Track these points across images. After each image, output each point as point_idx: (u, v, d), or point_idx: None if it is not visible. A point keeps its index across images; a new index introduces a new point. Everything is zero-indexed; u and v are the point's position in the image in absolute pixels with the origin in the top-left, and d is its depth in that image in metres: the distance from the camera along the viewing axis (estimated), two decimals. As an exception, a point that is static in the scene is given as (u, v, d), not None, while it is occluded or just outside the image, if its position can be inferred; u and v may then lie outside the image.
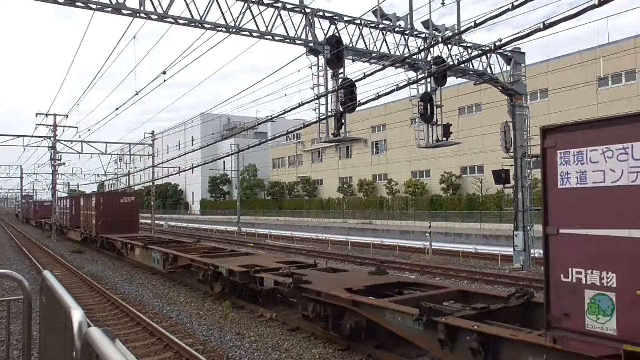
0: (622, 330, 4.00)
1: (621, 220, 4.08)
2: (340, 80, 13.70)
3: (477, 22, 9.53)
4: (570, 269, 4.40)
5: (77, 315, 2.08)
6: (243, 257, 13.50)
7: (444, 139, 16.76)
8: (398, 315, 6.48)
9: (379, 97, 11.03)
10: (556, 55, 38.01)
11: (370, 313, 7.05)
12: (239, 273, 10.51)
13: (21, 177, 64.86)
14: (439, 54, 16.56)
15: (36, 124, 32.14)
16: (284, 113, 14.28)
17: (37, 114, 31.78)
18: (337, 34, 14.24)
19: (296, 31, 13.72)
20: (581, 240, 4.34)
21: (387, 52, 15.41)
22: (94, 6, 11.23)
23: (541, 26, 8.09)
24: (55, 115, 32.47)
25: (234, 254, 14.50)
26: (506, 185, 18.25)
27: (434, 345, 5.94)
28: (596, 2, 7.16)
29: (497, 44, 11.30)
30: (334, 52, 13.66)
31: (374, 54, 15.24)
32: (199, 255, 13.79)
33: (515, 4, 8.51)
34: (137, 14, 11.72)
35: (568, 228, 4.42)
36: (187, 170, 26.36)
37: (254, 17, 12.98)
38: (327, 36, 14.08)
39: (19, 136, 32.58)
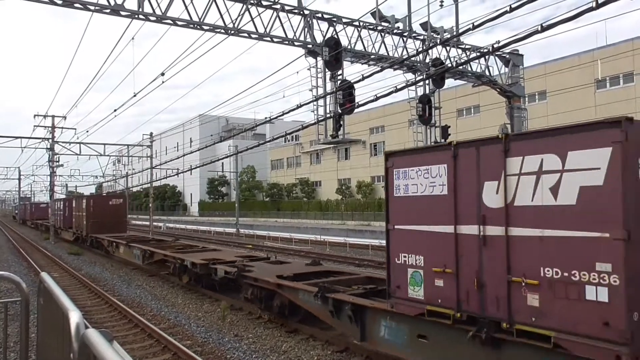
0: (426, 296, 5.86)
1: (424, 219, 5.91)
2: (339, 81, 13.71)
3: (475, 24, 9.57)
4: (400, 254, 6.21)
5: (74, 316, 2.08)
6: (209, 252, 15.04)
7: (443, 140, 16.78)
8: (306, 294, 8.27)
9: (377, 98, 11.05)
10: (554, 57, 38.12)
11: (290, 294, 8.88)
12: (199, 265, 12.08)
13: (19, 179, 64.75)
14: (438, 56, 16.60)
15: (34, 126, 32.11)
16: (283, 114, 14.29)
17: (35, 116, 31.73)
18: (335, 36, 14.27)
19: (295, 33, 13.74)
20: (405, 234, 6.14)
21: (386, 54, 15.44)
22: (92, 7, 11.22)
23: (539, 28, 8.12)
24: (53, 116, 32.44)
25: (203, 250, 16.13)
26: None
27: (327, 315, 7.76)
28: (594, 5, 7.19)
29: (495, 46, 11.34)
30: (333, 54, 13.68)
31: (372, 56, 15.27)
32: (171, 251, 15.39)
33: (513, 6, 8.55)
34: (136, 16, 11.72)
35: (399, 225, 6.25)
36: (185, 171, 26.34)
37: (252, 19, 13.00)
38: (325, 38, 14.10)
39: (17, 137, 32.52)
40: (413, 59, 15.58)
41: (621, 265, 4.12)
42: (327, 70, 13.90)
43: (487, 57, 17.15)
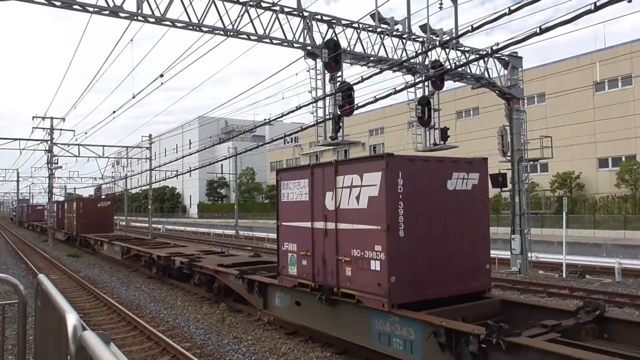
0: (298, 272, 8.27)
1: (297, 217, 8.26)
2: (338, 83, 13.71)
3: (474, 26, 9.55)
4: (284, 243, 8.64)
5: (71, 319, 2.06)
6: (176, 247, 17.68)
7: (442, 142, 16.78)
8: (232, 277, 10.76)
9: (376, 100, 11.05)
10: (554, 59, 38.20)
11: (224, 278, 11.36)
12: (162, 257, 14.83)
13: (17, 181, 64.65)
14: (437, 58, 16.61)
15: (33, 127, 32.08)
16: (282, 116, 14.29)
17: (33, 117, 31.71)
18: (335, 38, 14.27)
19: (294, 34, 13.75)
20: (288, 228, 8.55)
21: (385, 55, 15.45)
22: (91, 9, 11.22)
23: (537, 31, 8.11)
24: (52, 118, 32.41)
25: (174, 246, 18.81)
26: (503, 189, 18.26)
27: (245, 292, 10.25)
28: (592, 7, 7.19)
29: (494, 48, 11.34)
30: (332, 56, 13.68)
31: (371, 58, 15.27)
32: (145, 247, 17.86)
33: (512, 8, 8.55)
34: (135, 17, 11.72)
35: (284, 222, 8.66)
36: (184, 173, 26.32)
37: (251, 20, 13.00)
38: (325, 40, 14.11)
39: (15, 139, 32.46)
40: (412, 61, 15.58)
41: (385, 246, 6.48)
42: (326, 72, 13.90)
43: (486, 59, 17.16)
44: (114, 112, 22.77)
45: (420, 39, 16.34)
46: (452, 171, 7.15)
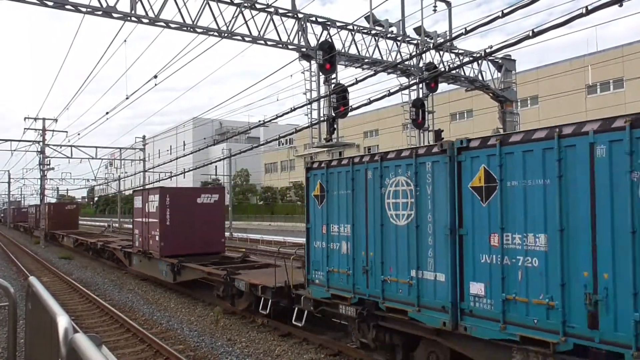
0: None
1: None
2: (333, 85, 13.73)
3: (467, 29, 9.60)
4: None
5: (62, 321, 2.04)
6: (110, 238, 23.84)
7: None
8: (119, 251, 17.97)
9: (370, 102, 11.07)
10: (549, 62, 38.51)
11: (116, 251, 18.87)
12: (92, 243, 22.04)
13: (9, 182, 64.02)
14: (431, 60, 16.68)
15: (25, 128, 31.81)
16: (277, 118, 14.25)
17: (25, 118, 31.46)
18: (329, 40, 14.29)
19: (289, 36, 13.74)
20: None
21: (380, 58, 15.48)
22: (83, 9, 11.14)
23: (530, 34, 8.18)
24: (44, 119, 32.16)
25: (108, 237, 26.23)
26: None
27: (122, 257, 17.30)
28: (584, 11, 7.26)
29: (487, 50, 11.43)
30: (327, 58, 13.69)
31: (366, 60, 15.31)
32: (86, 238, 24.76)
33: (505, 11, 8.61)
34: (128, 18, 11.66)
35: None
36: (178, 175, 26.19)
37: (246, 22, 12.98)
38: (319, 41, 14.12)
39: (6, 140, 32.17)
40: (407, 63, 15.63)
41: (159, 229, 14.28)
42: (321, 73, 13.91)
43: (480, 61, 17.26)
44: (107, 113, 22.63)
45: (415, 42, 16.40)
46: (200, 193, 14.81)
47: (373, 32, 15.40)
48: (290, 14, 13.82)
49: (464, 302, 5.76)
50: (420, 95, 16.41)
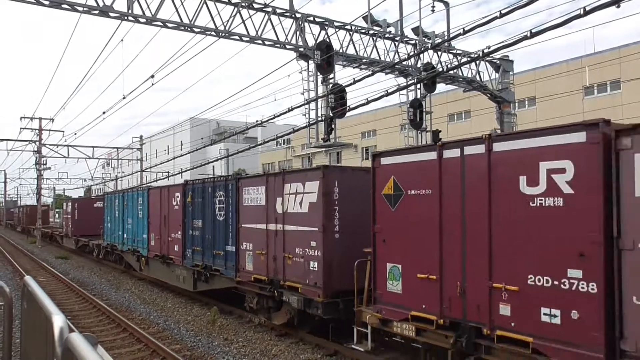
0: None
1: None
2: (331, 85, 13.72)
3: (465, 29, 9.62)
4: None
5: (58, 321, 2.02)
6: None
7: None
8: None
9: (368, 102, 11.07)
10: (546, 63, 38.65)
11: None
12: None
13: (5, 182, 63.76)
14: (429, 61, 16.69)
15: (21, 128, 31.67)
16: (274, 118, 14.23)
17: (21, 118, 31.30)
18: (327, 40, 14.28)
19: (286, 36, 13.72)
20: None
21: (378, 58, 15.49)
22: (80, 9, 11.10)
23: (528, 34, 8.19)
24: (40, 118, 32.01)
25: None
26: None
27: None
28: (581, 12, 7.28)
29: (485, 51, 11.44)
30: (324, 58, 13.68)
31: (364, 60, 15.31)
32: (51, 229, 32.97)
33: (503, 12, 8.63)
34: (125, 17, 11.61)
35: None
36: (175, 175, 26.13)
37: (243, 22, 12.95)
38: (317, 41, 14.11)
39: (2, 140, 32.00)
40: (404, 63, 15.64)
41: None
42: (318, 73, 13.90)
43: (477, 62, 17.28)
44: (103, 112, 22.55)
45: (413, 42, 16.41)
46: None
47: (371, 32, 15.40)
48: (288, 14, 13.80)
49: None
50: (418, 96, 16.42)
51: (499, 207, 5.34)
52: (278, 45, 13.69)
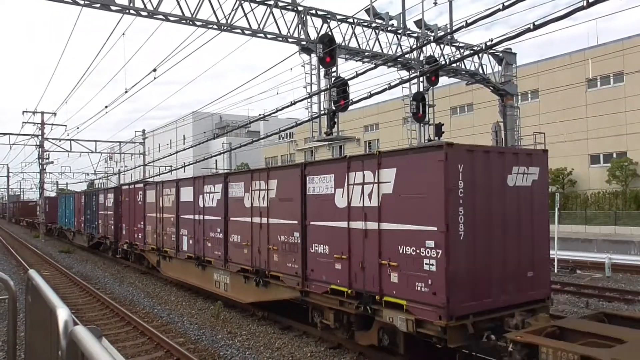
0: None
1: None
2: (333, 78, 13.66)
3: (468, 21, 9.54)
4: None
5: (62, 314, 2.03)
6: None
7: (436, 138, 16.80)
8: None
9: (371, 95, 11.03)
10: (549, 56, 38.34)
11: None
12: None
13: (7, 176, 63.98)
14: (432, 54, 16.60)
15: (23, 122, 31.72)
16: (277, 111, 14.21)
17: (24, 112, 31.35)
18: (329, 33, 14.20)
19: (289, 29, 13.65)
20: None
21: (380, 51, 15.40)
22: (81, 2, 11.06)
23: (531, 27, 8.12)
24: (42, 113, 32.06)
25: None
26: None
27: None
28: (585, 4, 7.21)
29: (488, 44, 11.35)
30: (327, 51, 13.61)
31: (366, 53, 15.23)
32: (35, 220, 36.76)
33: (505, 4, 8.55)
34: (127, 11, 11.57)
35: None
36: (178, 169, 26.17)
37: (245, 15, 12.89)
38: (319, 34, 14.04)
39: (5, 134, 32.08)
40: (407, 56, 15.56)
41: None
42: (321, 67, 13.84)
43: (480, 55, 17.17)
44: (106, 106, 22.58)
45: (415, 35, 16.31)
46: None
47: (373, 25, 15.31)
48: (290, 7, 13.72)
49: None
50: (421, 89, 16.34)
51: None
52: (280, 39, 13.62)
